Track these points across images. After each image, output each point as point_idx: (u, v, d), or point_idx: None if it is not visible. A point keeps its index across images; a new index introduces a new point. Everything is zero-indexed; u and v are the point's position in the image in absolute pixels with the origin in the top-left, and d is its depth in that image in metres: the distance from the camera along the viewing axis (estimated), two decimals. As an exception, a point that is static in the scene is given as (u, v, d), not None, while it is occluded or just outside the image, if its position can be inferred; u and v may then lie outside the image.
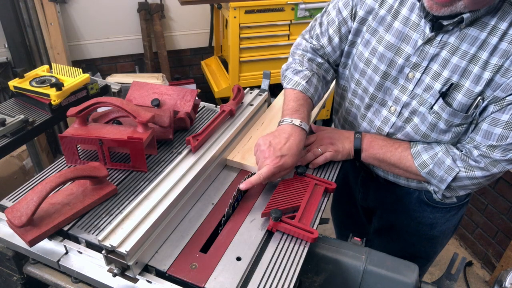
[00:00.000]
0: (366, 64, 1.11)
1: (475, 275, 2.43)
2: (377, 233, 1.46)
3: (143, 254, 0.81)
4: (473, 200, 2.49)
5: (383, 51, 1.06)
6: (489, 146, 0.97)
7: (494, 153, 0.97)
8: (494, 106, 0.94)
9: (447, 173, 1.03)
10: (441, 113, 0.99)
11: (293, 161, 1.02)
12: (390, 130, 1.13)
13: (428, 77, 1.00)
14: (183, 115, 1.22)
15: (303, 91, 1.14)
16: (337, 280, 0.92)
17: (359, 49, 1.13)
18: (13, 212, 0.85)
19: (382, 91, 1.10)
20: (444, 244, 1.39)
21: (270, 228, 0.91)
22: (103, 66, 3.13)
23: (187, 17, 3.12)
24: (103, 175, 0.98)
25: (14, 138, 1.27)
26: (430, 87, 1.00)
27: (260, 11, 2.46)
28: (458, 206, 1.26)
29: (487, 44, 0.91)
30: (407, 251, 1.37)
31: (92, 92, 1.49)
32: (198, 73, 3.42)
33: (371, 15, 1.08)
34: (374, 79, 1.10)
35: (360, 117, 1.20)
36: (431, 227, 1.29)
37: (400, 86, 1.06)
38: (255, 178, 0.97)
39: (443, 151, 1.05)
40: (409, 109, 1.06)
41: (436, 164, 1.04)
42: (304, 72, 1.17)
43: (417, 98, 1.04)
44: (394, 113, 1.10)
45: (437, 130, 1.03)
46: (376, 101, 1.13)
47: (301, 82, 1.15)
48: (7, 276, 0.99)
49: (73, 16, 2.86)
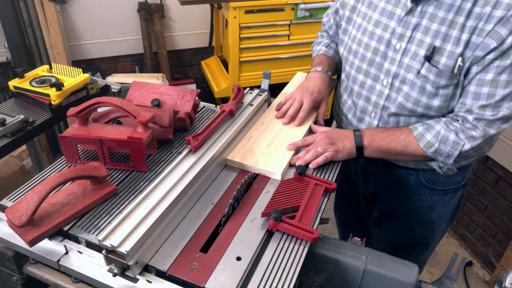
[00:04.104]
0: (358, 45, 1.23)
1: (475, 275, 2.43)
2: (377, 223, 1.50)
3: (143, 254, 0.81)
4: (473, 200, 2.49)
5: (372, 29, 1.18)
6: (480, 106, 1.03)
7: (486, 112, 1.02)
8: (477, 67, 1.01)
9: (453, 148, 1.07)
10: (428, 75, 1.07)
11: (321, 96, 1.31)
12: (385, 103, 1.20)
13: (413, 45, 1.09)
14: (183, 115, 1.22)
15: (324, 53, 1.43)
16: (337, 280, 0.92)
17: (352, 33, 1.26)
18: (13, 212, 0.85)
19: (374, 66, 1.20)
20: (442, 229, 1.43)
21: (270, 228, 0.91)
22: (103, 66, 3.13)
23: (187, 17, 3.12)
24: (103, 175, 0.98)
25: (14, 138, 1.27)
26: (416, 54, 1.09)
27: (260, 11, 2.46)
28: (454, 189, 1.32)
29: (462, 10, 1.00)
30: (406, 237, 1.42)
31: (92, 92, 1.49)
32: (198, 73, 3.42)
33: (360, 2, 1.25)
34: (366, 56, 1.21)
35: (356, 96, 1.28)
36: (429, 210, 1.34)
37: (390, 58, 1.15)
38: (303, 112, 1.26)
39: (445, 128, 1.08)
40: (399, 78, 1.14)
41: (441, 142, 1.08)
42: (324, 41, 1.47)
43: (404, 66, 1.12)
44: (387, 85, 1.18)
45: (427, 94, 1.10)
46: (370, 77, 1.22)
47: (322, 48, 1.45)
48: (7, 276, 0.99)
49: (73, 16, 2.86)
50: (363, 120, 1.28)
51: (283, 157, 1.13)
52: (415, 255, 1.47)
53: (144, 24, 2.97)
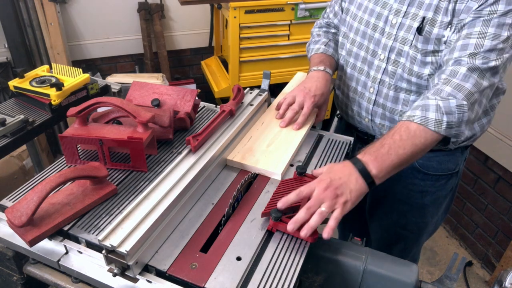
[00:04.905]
0: (359, 22, 1.29)
1: (475, 275, 2.43)
2: (372, 210, 1.52)
3: (143, 254, 0.81)
4: (473, 200, 2.49)
5: (372, 6, 1.25)
6: (469, 55, 1.02)
7: (476, 61, 1.01)
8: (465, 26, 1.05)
9: (460, 112, 0.99)
10: (417, 44, 1.13)
11: (323, 99, 1.30)
12: (383, 76, 1.24)
13: (408, 19, 1.16)
14: (183, 115, 1.22)
15: (323, 52, 1.41)
16: (337, 280, 0.92)
17: (354, 12, 1.32)
18: (13, 212, 0.85)
19: (373, 42, 1.25)
20: (434, 216, 1.43)
21: (270, 228, 0.91)
22: (103, 66, 3.13)
23: (187, 17, 3.12)
24: (103, 175, 0.98)
25: (14, 138, 1.27)
26: (410, 27, 1.15)
27: (260, 11, 2.46)
28: (447, 176, 1.34)
29: None
30: (399, 222, 1.44)
31: (92, 92, 1.49)
32: (198, 73, 3.42)
33: None
34: (366, 33, 1.26)
35: (359, 72, 1.32)
36: (421, 195, 1.36)
37: (387, 33, 1.21)
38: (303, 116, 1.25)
39: (440, 98, 1.00)
40: (395, 51, 1.19)
41: (446, 113, 0.99)
42: (322, 40, 1.46)
43: (400, 39, 1.17)
44: (384, 59, 1.22)
45: (417, 63, 1.14)
46: (369, 53, 1.27)
47: (321, 46, 1.43)
48: (7, 276, 0.99)
49: (73, 16, 2.86)
50: (363, 96, 1.32)
51: (283, 157, 1.13)
52: (407, 246, 1.48)
53: (144, 24, 2.97)
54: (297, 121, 1.26)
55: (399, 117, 1.25)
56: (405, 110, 1.23)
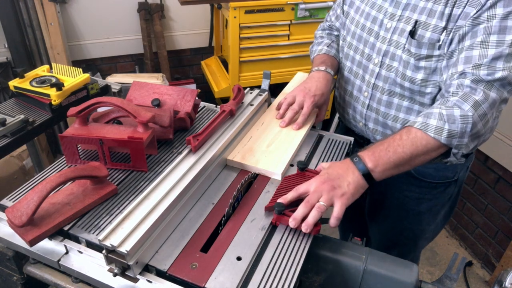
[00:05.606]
0: (356, 26, 1.29)
1: (475, 275, 2.44)
2: (371, 214, 1.52)
3: (144, 253, 0.81)
4: (473, 200, 2.49)
5: (368, 10, 1.24)
6: (474, 66, 0.99)
7: (481, 72, 0.98)
8: (464, 36, 1.02)
9: (464, 123, 0.97)
10: (410, 48, 1.12)
11: (324, 99, 1.30)
12: (376, 81, 1.24)
13: (401, 23, 1.15)
14: (183, 115, 1.22)
15: (326, 53, 1.41)
16: (337, 280, 0.92)
17: (352, 15, 1.32)
18: (13, 211, 0.85)
19: (368, 46, 1.24)
20: (431, 224, 1.41)
21: (274, 221, 0.92)
22: (103, 66, 3.13)
23: (187, 17, 3.12)
24: (104, 175, 0.98)
25: (14, 138, 1.27)
26: (403, 31, 1.14)
27: (260, 11, 2.46)
28: (444, 184, 1.31)
29: None
30: (395, 228, 1.44)
31: (92, 92, 1.49)
32: (198, 73, 3.42)
33: None
34: (362, 37, 1.26)
35: (354, 76, 1.32)
36: (417, 202, 1.35)
37: (381, 37, 1.20)
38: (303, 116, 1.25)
39: (444, 107, 0.99)
40: (389, 56, 1.18)
41: (449, 122, 0.97)
42: (325, 41, 1.46)
43: (393, 43, 1.17)
44: (378, 63, 1.22)
45: (410, 67, 1.13)
46: (364, 57, 1.26)
47: (323, 47, 1.43)
48: (7, 276, 0.99)
49: (73, 16, 2.86)
50: (358, 100, 1.32)
51: (283, 157, 1.13)
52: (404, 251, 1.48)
53: (144, 24, 2.97)
54: (297, 121, 1.26)
55: (392, 122, 1.25)
56: (398, 115, 1.23)
